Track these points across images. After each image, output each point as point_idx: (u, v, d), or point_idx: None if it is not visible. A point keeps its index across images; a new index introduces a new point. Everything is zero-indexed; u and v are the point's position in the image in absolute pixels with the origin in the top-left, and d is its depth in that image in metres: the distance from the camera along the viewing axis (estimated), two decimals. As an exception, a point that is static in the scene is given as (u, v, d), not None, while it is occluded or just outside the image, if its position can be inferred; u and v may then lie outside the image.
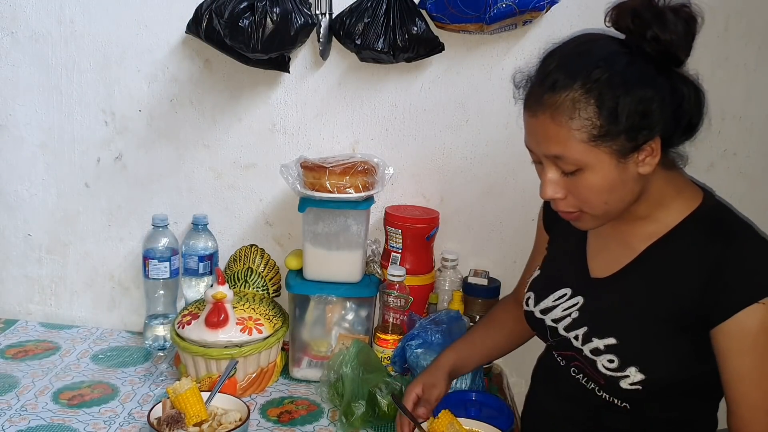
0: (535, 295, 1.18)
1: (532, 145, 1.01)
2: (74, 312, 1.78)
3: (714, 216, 1.02)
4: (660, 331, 1.01)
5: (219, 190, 1.70)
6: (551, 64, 0.97)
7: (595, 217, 1.02)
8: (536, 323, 1.17)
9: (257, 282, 1.57)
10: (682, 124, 0.98)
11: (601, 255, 1.12)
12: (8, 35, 1.63)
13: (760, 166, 1.59)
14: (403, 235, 1.57)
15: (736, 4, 1.50)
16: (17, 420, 1.31)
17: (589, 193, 0.98)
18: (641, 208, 1.04)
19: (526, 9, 1.44)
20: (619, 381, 1.02)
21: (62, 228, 1.74)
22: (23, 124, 1.68)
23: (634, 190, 0.99)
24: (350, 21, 1.49)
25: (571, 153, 0.95)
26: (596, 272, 1.11)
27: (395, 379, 1.40)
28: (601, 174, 0.96)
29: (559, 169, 0.98)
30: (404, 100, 1.61)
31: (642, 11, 0.94)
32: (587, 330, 1.07)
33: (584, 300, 1.10)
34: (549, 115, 0.95)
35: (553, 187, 1.00)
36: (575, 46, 0.98)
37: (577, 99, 0.93)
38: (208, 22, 1.44)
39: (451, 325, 1.44)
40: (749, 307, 0.94)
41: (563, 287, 1.13)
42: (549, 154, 0.98)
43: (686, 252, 1.00)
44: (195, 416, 1.19)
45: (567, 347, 1.11)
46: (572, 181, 0.98)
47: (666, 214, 1.03)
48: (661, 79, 0.94)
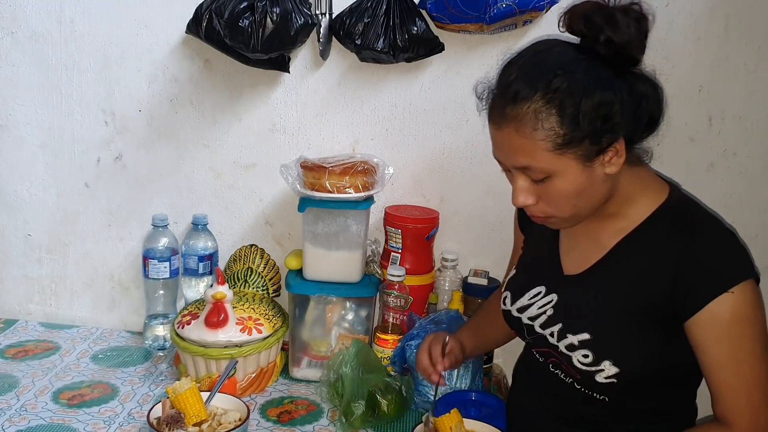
0: (511, 294, 1.20)
1: (500, 156, 1.03)
2: (74, 312, 1.78)
3: (680, 210, 1.05)
4: (632, 324, 1.03)
5: (219, 190, 1.70)
6: (511, 75, 0.98)
7: (566, 219, 1.04)
8: (514, 322, 1.20)
9: (257, 282, 1.57)
10: (644, 121, 1.00)
11: (573, 252, 1.14)
12: (8, 35, 1.63)
13: (760, 166, 1.59)
14: (403, 235, 1.57)
15: (736, 4, 1.50)
16: (17, 420, 1.31)
17: (559, 198, 1.00)
18: (611, 206, 1.06)
19: (526, 9, 1.44)
20: (595, 375, 1.04)
21: (62, 228, 1.74)
22: (23, 124, 1.68)
23: (603, 190, 1.01)
24: (350, 21, 1.49)
25: (538, 163, 0.97)
26: (569, 269, 1.13)
27: (395, 379, 1.40)
28: (569, 179, 0.98)
29: (528, 177, 1.01)
30: (404, 100, 1.61)
31: (593, 15, 0.96)
32: (562, 326, 1.09)
33: (558, 297, 1.12)
34: (513, 128, 0.96)
35: (524, 195, 1.02)
36: (533, 55, 1.00)
37: (539, 110, 0.94)
38: (208, 22, 1.44)
39: (451, 325, 1.44)
40: (718, 297, 0.96)
41: (538, 285, 1.16)
42: (517, 165, 1.00)
43: (654, 246, 1.03)
44: (195, 416, 1.19)
45: (544, 344, 1.13)
46: (542, 188, 1.00)
47: (634, 210, 1.06)
48: (618, 81, 0.96)
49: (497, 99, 1.00)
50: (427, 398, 1.38)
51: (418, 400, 1.40)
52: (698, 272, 0.98)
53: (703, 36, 1.49)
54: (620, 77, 0.96)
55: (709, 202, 1.11)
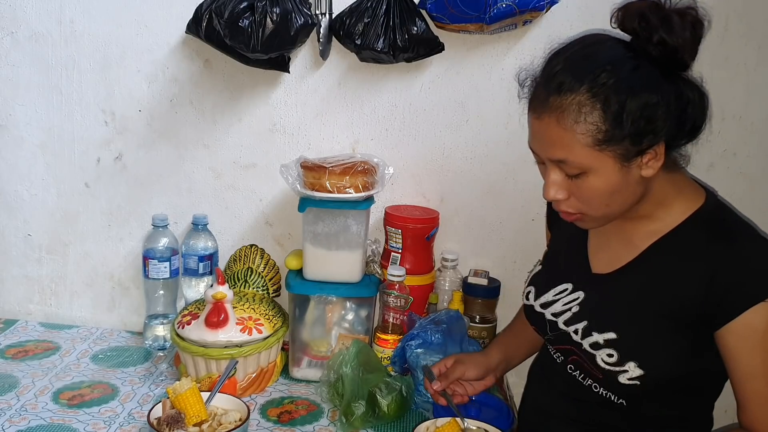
0: (535, 289, 1.19)
1: (536, 147, 1.01)
2: (74, 312, 1.78)
3: (715, 216, 1.03)
4: (660, 327, 1.02)
5: (219, 190, 1.70)
6: (557, 65, 0.97)
7: (596, 218, 1.03)
8: (535, 317, 1.18)
9: (257, 282, 1.57)
10: (686, 127, 0.98)
11: (602, 251, 1.12)
12: (8, 35, 1.63)
13: (760, 166, 1.59)
14: (403, 235, 1.57)
15: (736, 4, 1.50)
16: (17, 420, 1.30)
17: (591, 195, 0.99)
18: (643, 208, 1.04)
19: (526, 9, 1.44)
20: (618, 375, 1.03)
21: (62, 228, 1.74)
22: (23, 124, 1.68)
23: (637, 192, 1.00)
24: (350, 21, 1.49)
25: (575, 157, 0.95)
26: (597, 268, 1.12)
27: (395, 379, 1.40)
28: (604, 177, 0.96)
29: (562, 171, 0.99)
30: (404, 100, 1.61)
31: (649, 14, 0.93)
32: (587, 324, 1.08)
33: (585, 295, 1.11)
34: (555, 119, 0.95)
35: (555, 189, 1.00)
36: (581, 48, 0.98)
37: (583, 103, 0.93)
38: (208, 22, 1.44)
39: (451, 325, 1.44)
40: (754, 306, 0.95)
41: (564, 282, 1.14)
42: (553, 158, 0.98)
43: (688, 251, 1.01)
44: (195, 416, 1.19)
45: (565, 341, 1.11)
46: (575, 184, 0.98)
47: (668, 213, 1.04)
48: (666, 84, 0.94)
49: (540, 88, 0.98)
50: (428, 398, 1.38)
51: (418, 400, 1.40)
52: (734, 280, 0.96)
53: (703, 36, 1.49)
54: (668, 80, 0.94)
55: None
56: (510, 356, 1.36)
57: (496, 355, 1.35)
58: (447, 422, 1.18)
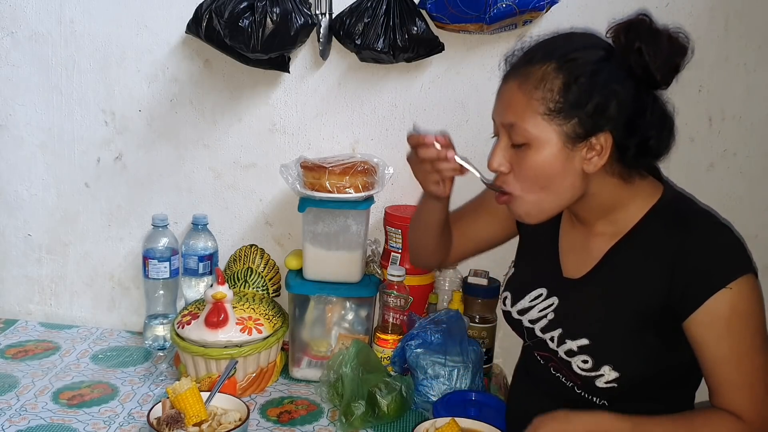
0: (511, 294, 1.20)
1: (495, 112, 1.06)
2: (74, 312, 1.78)
3: (672, 208, 1.04)
4: (630, 328, 1.03)
5: (219, 190, 1.70)
6: (535, 44, 1.04)
7: (529, 202, 1.03)
8: (514, 324, 1.20)
9: (257, 282, 1.57)
10: (636, 135, 0.99)
11: (571, 255, 1.14)
12: (8, 35, 1.63)
13: (760, 166, 1.58)
14: (403, 235, 1.57)
15: (736, 4, 1.50)
16: (17, 420, 1.31)
17: (529, 172, 1.01)
18: (597, 212, 1.06)
19: (526, 9, 1.44)
20: (595, 380, 1.04)
21: (62, 228, 1.74)
22: (23, 124, 1.68)
23: (575, 186, 1.01)
24: (350, 21, 1.49)
25: (523, 122, 0.99)
26: (568, 272, 1.13)
27: (395, 379, 1.40)
28: (545, 154, 0.98)
29: (509, 141, 1.02)
30: (404, 100, 1.61)
31: (638, 26, 0.97)
32: (561, 331, 1.09)
33: (558, 301, 1.12)
34: (517, 83, 1.00)
35: (500, 157, 1.03)
36: (565, 34, 1.04)
37: (548, 73, 0.97)
38: (208, 22, 1.44)
39: (451, 325, 1.44)
40: (716, 294, 0.96)
41: (539, 287, 1.15)
42: (505, 122, 1.02)
43: (648, 248, 1.03)
44: (195, 416, 1.19)
45: (544, 348, 1.13)
46: (518, 156, 1.01)
47: (625, 215, 1.06)
48: (630, 84, 0.97)
49: (517, 59, 1.04)
50: (427, 398, 1.38)
51: (418, 400, 1.40)
52: (694, 270, 0.98)
53: (703, 36, 1.49)
54: (633, 83, 0.97)
55: (709, 202, 1.11)
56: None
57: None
58: (446, 423, 1.18)
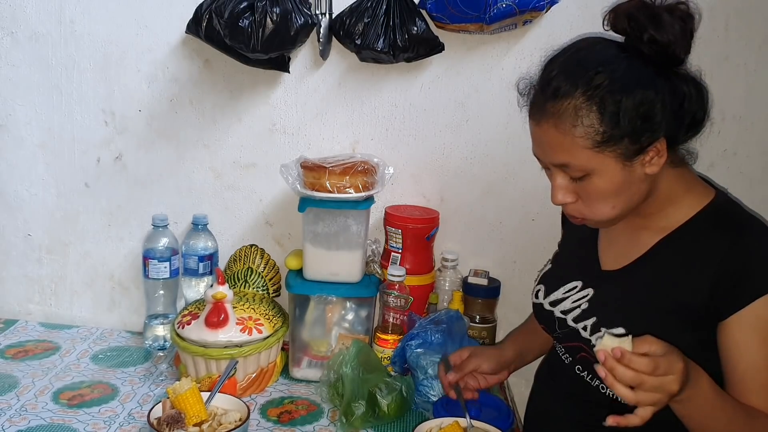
0: (545, 287, 1.20)
1: (539, 153, 1.03)
2: (74, 312, 1.78)
3: (724, 211, 1.04)
4: (668, 323, 1.02)
5: (219, 190, 1.70)
6: (552, 71, 0.98)
7: (604, 220, 1.04)
8: (544, 315, 1.19)
9: (257, 282, 1.57)
10: (686, 122, 0.99)
11: (612, 248, 1.13)
12: (8, 35, 1.63)
13: (760, 166, 1.59)
14: (403, 235, 1.57)
15: (736, 4, 1.50)
16: (17, 420, 1.30)
17: (597, 196, 1.00)
18: (652, 205, 1.05)
19: (526, 9, 1.44)
20: None
21: (62, 228, 1.73)
22: (23, 124, 1.68)
23: (642, 190, 1.01)
24: (350, 21, 1.49)
25: (576, 160, 0.96)
26: (607, 265, 1.13)
27: (395, 379, 1.40)
28: (608, 178, 0.97)
29: (567, 175, 1.00)
30: (404, 100, 1.61)
31: (637, 14, 0.95)
32: (596, 320, 1.08)
33: (594, 292, 1.11)
34: (552, 124, 0.96)
35: (562, 193, 1.02)
36: (575, 52, 1.00)
37: (579, 106, 0.94)
38: (208, 22, 1.44)
39: (451, 325, 1.44)
40: (762, 297, 0.95)
41: (574, 279, 1.15)
42: (555, 162, 0.99)
43: (696, 247, 1.02)
44: (195, 416, 1.19)
45: (574, 338, 1.12)
46: (581, 186, 1.00)
47: (676, 210, 1.05)
48: (661, 80, 0.95)
49: (538, 95, 1.00)
50: (428, 398, 1.38)
51: (418, 400, 1.40)
52: (741, 272, 0.97)
53: (703, 36, 1.49)
54: (663, 76, 0.95)
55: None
56: (524, 352, 1.36)
57: (511, 350, 1.35)
58: (449, 424, 1.17)
